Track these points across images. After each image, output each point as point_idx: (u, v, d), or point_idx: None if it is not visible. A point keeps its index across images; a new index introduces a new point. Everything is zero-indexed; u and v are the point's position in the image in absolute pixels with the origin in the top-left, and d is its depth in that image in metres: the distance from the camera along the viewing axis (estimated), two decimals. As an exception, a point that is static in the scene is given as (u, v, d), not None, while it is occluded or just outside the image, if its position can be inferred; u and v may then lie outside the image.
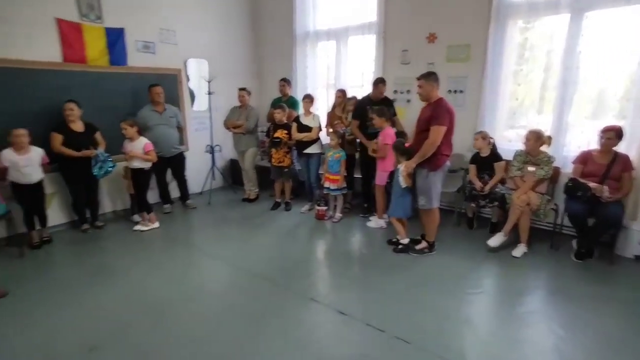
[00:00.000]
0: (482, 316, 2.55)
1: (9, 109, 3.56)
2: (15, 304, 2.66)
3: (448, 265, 3.19)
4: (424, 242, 3.43)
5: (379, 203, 3.97)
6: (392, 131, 3.75)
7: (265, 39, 5.79)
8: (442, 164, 3.17)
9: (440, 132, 3.02)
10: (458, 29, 4.04)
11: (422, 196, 3.25)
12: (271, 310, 2.57)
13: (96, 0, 4.02)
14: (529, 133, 3.35)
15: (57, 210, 4.01)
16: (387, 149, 3.63)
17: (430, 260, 3.29)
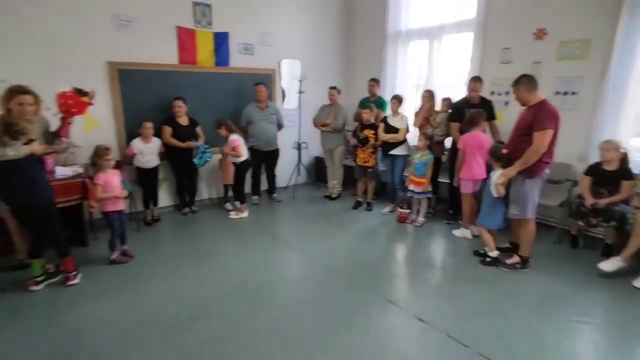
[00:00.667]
0: (590, 352, 2.23)
1: (139, 105, 4.17)
2: (134, 270, 3.12)
3: (546, 286, 2.86)
4: (516, 256, 3.13)
5: (465, 212, 3.73)
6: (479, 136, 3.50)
7: (355, 39, 5.85)
8: (540, 171, 2.87)
9: (545, 137, 2.74)
10: (575, 22, 3.58)
11: (514, 205, 2.99)
12: (349, 307, 2.60)
13: (208, 9, 4.48)
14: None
15: (165, 194, 4.57)
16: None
17: (524, 278, 2.99)
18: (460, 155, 3.57)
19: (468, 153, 3.50)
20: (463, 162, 3.55)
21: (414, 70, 5.20)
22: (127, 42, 4.02)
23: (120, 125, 4.14)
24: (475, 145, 3.45)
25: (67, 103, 2.92)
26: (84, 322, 2.43)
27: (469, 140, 3.50)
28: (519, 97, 2.93)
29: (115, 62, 3.98)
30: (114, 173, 3.20)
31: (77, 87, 2.95)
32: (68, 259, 2.87)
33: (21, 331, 2.33)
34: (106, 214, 3.18)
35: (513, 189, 3.00)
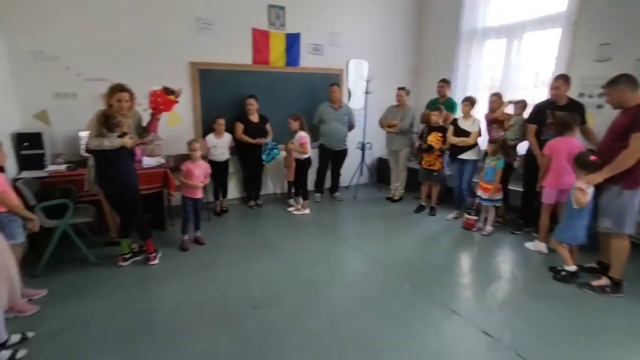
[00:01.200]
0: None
1: (214, 102, 4.49)
2: (204, 256, 3.36)
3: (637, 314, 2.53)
4: (606, 278, 2.79)
5: (543, 223, 3.43)
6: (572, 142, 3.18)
7: (427, 38, 5.67)
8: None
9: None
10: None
11: (606, 218, 2.68)
12: (409, 312, 2.55)
13: (282, 11, 4.66)
14: None
15: (233, 187, 4.84)
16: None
17: (614, 304, 2.66)
18: (546, 162, 3.28)
19: (555, 160, 3.19)
20: (548, 169, 3.25)
21: (489, 71, 4.89)
22: (207, 43, 4.34)
23: (198, 120, 4.48)
24: (565, 152, 3.12)
25: (157, 101, 3.25)
26: (160, 299, 2.68)
27: (558, 146, 3.18)
28: (616, 99, 2.65)
29: (197, 62, 4.32)
30: (200, 164, 3.48)
31: (166, 86, 3.25)
32: (149, 242, 3.18)
33: (110, 300, 2.64)
34: (183, 199, 3.47)
35: (605, 199, 2.70)
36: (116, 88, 2.95)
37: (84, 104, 3.75)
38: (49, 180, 3.29)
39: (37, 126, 3.68)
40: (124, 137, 2.86)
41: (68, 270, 3.02)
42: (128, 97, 2.99)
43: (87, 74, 3.77)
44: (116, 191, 2.99)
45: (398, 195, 5.02)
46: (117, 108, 2.94)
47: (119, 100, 2.92)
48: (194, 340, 2.24)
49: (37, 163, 3.44)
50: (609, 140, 2.69)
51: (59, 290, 2.72)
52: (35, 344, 2.16)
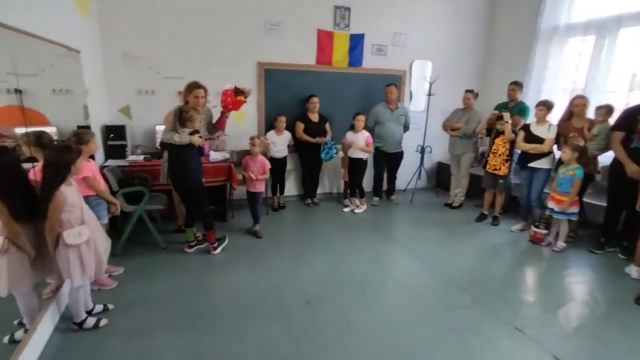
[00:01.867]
0: None
1: (277, 101, 4.64)
2: (262, 250, 3.49)
3: None
4: None
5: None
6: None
7: (498, 37, 5.35)
8: None
9: None
10: None
11: None
12: (468, 325, 2.42)
13: (347, 12, 4.68)
14: None
15: (291, 184, 4.96)
16: None
17: None
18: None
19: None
20: None
21: (570, 72, 4.48)
22: (274, 44, 4.49)
23: (262, 118, 4.66)
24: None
25: (227, 100, 3.44)
26: (220, 286, 2.84)
27: None
28: None
29: (263, 62, 4.49)
30: (257, 159, 3.66)
31: (237, 86, 3.42)
32: (211, 233, 3.35)
33: (176, 282, 2.85)
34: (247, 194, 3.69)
35: None
36: (193, 85, 3.19)
37: (162, 100, 4.10)
38: (129, 169, 3.62)
39: (121, 120, 4.07)
40: (194, 135, 3.05)
41: (141, 252, 3.31)
42: (203, 93, 3.22)
43: (166, 72, 4.09)
44: (183, 185, 3.21)
45: (458, 201, 4.80)
46: (193, 104, 3.17)
47: (196, 96, 3.17)
48: (251, 328, 2.33)
49: (120, 153, 3.82)
50: None
51: (133, 269, 2.99)
52: (114, 315, 2.41)
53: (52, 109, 2.72)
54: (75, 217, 2.04)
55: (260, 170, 3.68)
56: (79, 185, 2.24)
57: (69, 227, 2.01)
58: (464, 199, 4.81)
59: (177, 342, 2.19)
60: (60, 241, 2.01)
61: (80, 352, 2.09)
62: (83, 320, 2.24)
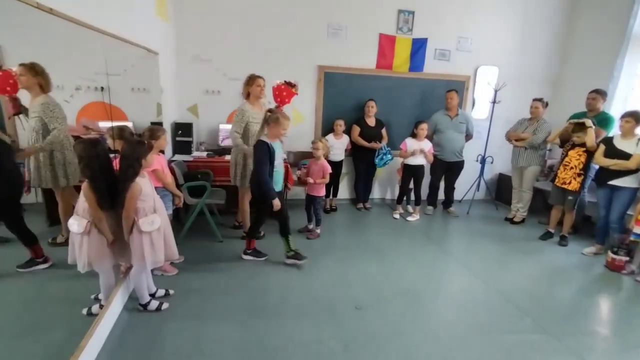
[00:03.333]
0: None
1: (335, 104, 4.68)
2: (314, 251, 3.50)
3: None
4: None
5: None
6: None
7: (575, 42, 4.92)
8: None
9: None
10: None
11: None
12: (528, 352, 2.25)
13: (411, 16, 4.59)
14: None
15: (344, 188, 4.96)
16: None
17: None
18: None
19: None
20: None
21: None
22: (335, 48, 4.53)
23: (319, 121, 4.72)
24: None
25: (282, 94, 3.65)
26: (272, 283, 2.90)
27: None
28: None
29: (324, 65, 4.55)
30: (320, 163, 3.72)
31: (287, 80, 3.61)
32: (251, 242, 3.33)
33: (231, 275, 2.97)
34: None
35: None
36: (254, 76, 3.44)
37: (226, 100, 4.32)
38: (193, 164, 3.86)
39: (189, 118, 4.35)
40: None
41: (200, 243, 3.49)
42: (263, 83, 3.43)
43: (231, 74, 4.30)
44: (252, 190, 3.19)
45: (520, 217, 4.49)
46: (257, 93, 3.40)
47: (258, 85, 3.39)
48: (300, 328, 2.36)
49: (186, 149, 4.08)
50: None
51: (192, 260, 3.17)
52: (174, 300, 2.57)
53: (130, 105, 2.98)
54: (148, 206, 2.22)
55: (319, 173, 3.72)
56: (150, 177, 2.42)
57: (143, 215, 2.19)
58: (526, 214, 4.48)
59: (229, 332, 2.28)
60: (135, 228, 2.18)
61: (144, 331, 2.25)
62: (147, 302, 2.42)
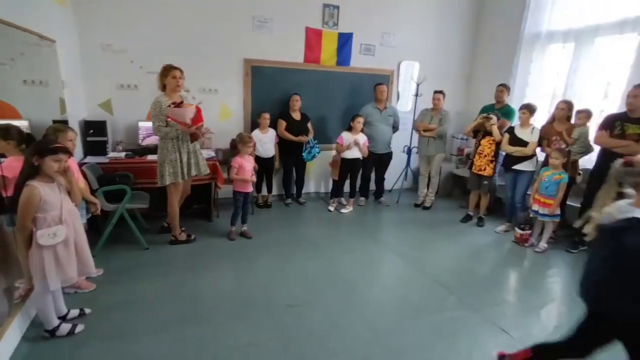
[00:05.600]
0: None
1: (263, 98, 4.56)
2: (247, 249, 3.42)
3: None
4: None
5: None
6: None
7: (484, 41, 5.42)
8: None
9: None
10: None
11: None
12: (455, 327, 2.44)
13: (336, 10, 4.64)
14: None
15: (275, 183, 4.85)
16: None
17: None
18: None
19: None
20: None
21: (552, 78, 4.59)
22: (262, 41, 4.41)
23: (248, 115, 4.57)
24: None
25: (199, 116, 3.19)
26: (205, 287, 2.75)
27: None
28: None
29: (251, 59, 4.41)
30: (249, 159, 3.56)
31: (174, 102, 3.09)
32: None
33: (159, 283, 2.75)
34: (234, 193, 3.56)
35: None
36: (169, 67, 3.11)
37: (145, 95, 3.93)
38: (109, 166, 3.49)
39: (102, 115, 3.91)
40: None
41: (122, 252, 3.19)
42: (180, 74, 3.12)
43: (149, 67, 3.94)
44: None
45: (429, 202, 4.84)
46: (173, 87, 3.09)
47: (174, 77, 3.08)
48: (236, 331, 2.28)
49: (100, 150, 3.67)
50: None
51: (113, 271, 2.88)
52: (91, 320, 2.30)
53: (22, 101, 2.57)
54: (52, 216, 1.93)
55: (251, 170, 3.60)
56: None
57: (44, 226, 1.90)
58: (434, 199, 4.87)
59: (160, 347, 2.11)
60: (33, 241, 1.89)
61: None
62: (56, 327, 2.11)
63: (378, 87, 4.57)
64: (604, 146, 3.32)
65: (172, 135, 3.09)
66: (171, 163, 3.15)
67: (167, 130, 3.05)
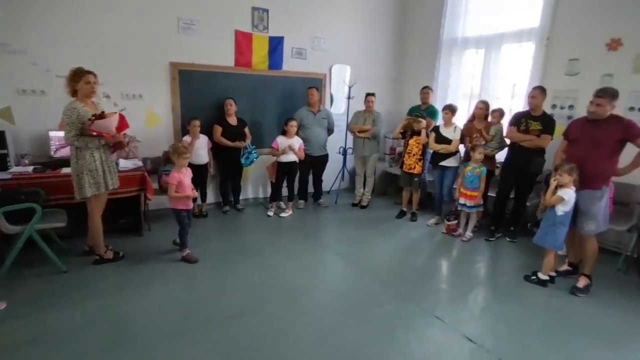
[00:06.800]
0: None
1: (194, 104, 4.35)
2: (183, 263, 3.23)
3: (610, 316, 2.65)
4: (585, 277, 2.96)
5: None
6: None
7: (409, 46, 5.76)
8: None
9: None
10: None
11: (592, 221, 2.84)
12: (394, 320, 2.54)
13: (266, 13, 4.60)
14: None
15: (209, 191, 4.63)
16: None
17: (583, 304, 2.80)
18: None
19: None
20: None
21: (468, 80, 5.03)
22: (189, 44, 4.22)
23: (177, 122, 4.34)
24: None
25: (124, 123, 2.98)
26: (138, 309, 2.55)
27: None
28: (604, 111, 2.76)
29: (177, 62, 4.19)
30: (187, 172, 3.23)
31: (94, 113, 2.85)
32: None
33: (83, 310, 2.48)
34: (177, 212, 3.21)
35: (589, 204, 2.84)
36: (81, 71, 2.82)
37: (55, 101, 3.52)
38: (13, 182, 3.07)
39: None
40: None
41: (32, 279, 2.82)
42: (94, 78, 2.86)
43: (58, 70, 3.53)
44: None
45: (366, 200, 5.02)
46: (87, 92, 2.83)
47: (87, 82, 2.81)
48: (175, 350, 2.14)
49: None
50: (591, 151, 2.82)
51: (20, 302, 2.52)
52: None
53: None
54: None
55: (190, 183, 3.25)
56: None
57: None
58: (370, 198, 5.06)
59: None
60: None
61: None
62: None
63: (309, 91, 4.62)
64: (513, 140, 3.72)
65: (94, 145, 2.83)
66: (91, 173, 2.87)
67: (87, 139, 2.78)
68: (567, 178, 2.79)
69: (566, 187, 2.81)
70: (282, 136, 4.41)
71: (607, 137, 2.77)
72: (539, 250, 3.17)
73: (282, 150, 4.31)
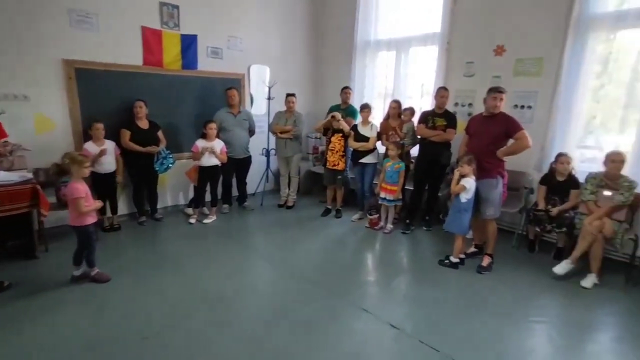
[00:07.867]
0: (546, 349, 2.37)
1: (97, 106, 3.92)
2: (92, 284, 2.90)
3: (506, 289, 3.02)
4: (488, 256, 3.34)
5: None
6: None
7: (326, 47, 5.90)
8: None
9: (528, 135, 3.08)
10: (529, 41, 3.85)
11: (491, 206, 3.21)
12: (322, 317, 2.58)
13: (176, 10, 4.33)
14: (615, 155, 3.09)
15: (122, 202, 4.26)
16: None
17: (486, 281, 3.15)
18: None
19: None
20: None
21: (382, 80, 5.32)
22: (87, 40, 3.79)
23: (77, 126, 3.86)
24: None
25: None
26: (30, 342, 2.22)
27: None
28: (502, 105, 3.15)
29: (72, 60, 3.73)
30: (84, 183, 2.85)
31: None
32: None
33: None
34: (85, 229, 2.84)
35: (487, 191, 3.19)
36: None
37: None
38: None
39: None
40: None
41: None
42: None
43: None
44: None
45: (291, 201, 5.05)
46: None
47: None
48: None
49: None
50: (488, 143, 3.18)
51: None
52: None
53: None
54: None
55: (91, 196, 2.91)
56: None
57: None
58: (296, 198, 5.11)
59: None
60: None
61: None
62: None
63: (228, 92, 4.48)
64: (423, 136, 4.04)
65: None
66: None
67: None
68: (468, 168, 3.12)
69: (467, 176, 3.13)
70: (202, 139, 4.20)
71: (497, 131, 3.16)
72: (450, 237, 3.49)
73: (200, 152, 4.11)
